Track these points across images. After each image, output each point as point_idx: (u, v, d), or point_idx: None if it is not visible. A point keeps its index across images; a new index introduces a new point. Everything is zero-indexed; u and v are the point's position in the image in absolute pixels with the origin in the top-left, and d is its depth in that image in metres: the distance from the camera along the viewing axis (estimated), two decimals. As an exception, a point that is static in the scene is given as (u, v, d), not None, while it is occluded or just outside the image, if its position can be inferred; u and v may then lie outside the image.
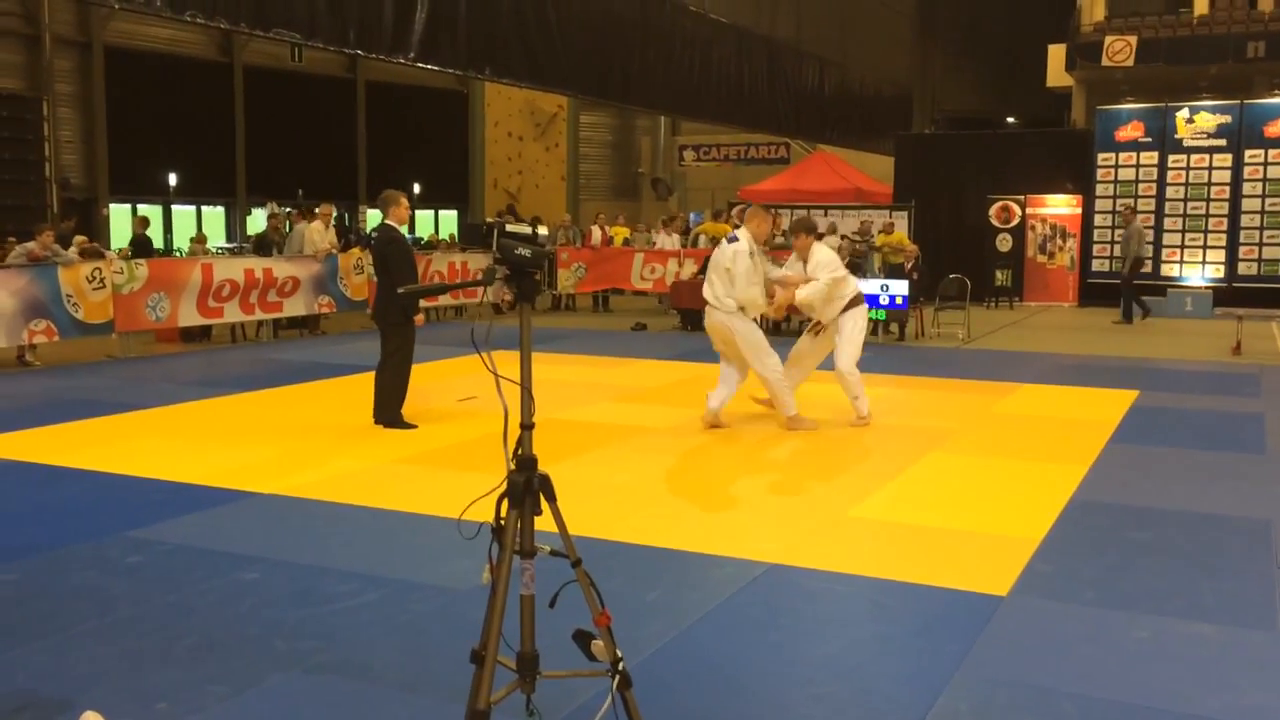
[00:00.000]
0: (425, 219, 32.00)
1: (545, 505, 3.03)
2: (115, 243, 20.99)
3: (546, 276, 17.48)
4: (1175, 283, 18.83)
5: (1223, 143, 18.78)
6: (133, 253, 14.95)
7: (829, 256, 8.10)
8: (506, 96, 31.22)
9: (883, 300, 13.43)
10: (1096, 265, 19.52)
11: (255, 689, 3.66)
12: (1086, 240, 19.70)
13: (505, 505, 2.98)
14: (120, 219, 23.87)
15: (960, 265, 15.79)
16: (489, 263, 3.05)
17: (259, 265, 13.96)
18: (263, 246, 15.53)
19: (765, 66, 22.05)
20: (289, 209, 18.49)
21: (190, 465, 6.84)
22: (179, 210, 27.18)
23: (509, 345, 3.00)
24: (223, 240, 26.32)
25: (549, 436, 3.37)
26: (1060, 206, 20.04)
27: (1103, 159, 19.58)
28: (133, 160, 25.12)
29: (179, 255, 20.56)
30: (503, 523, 2.98)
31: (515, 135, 32.94)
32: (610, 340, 14.12)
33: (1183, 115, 19.10)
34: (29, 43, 23.33)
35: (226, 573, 4.83)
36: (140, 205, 24.96)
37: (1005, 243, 20.00)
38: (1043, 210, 20.11)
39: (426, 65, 14.72)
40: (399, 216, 8.23)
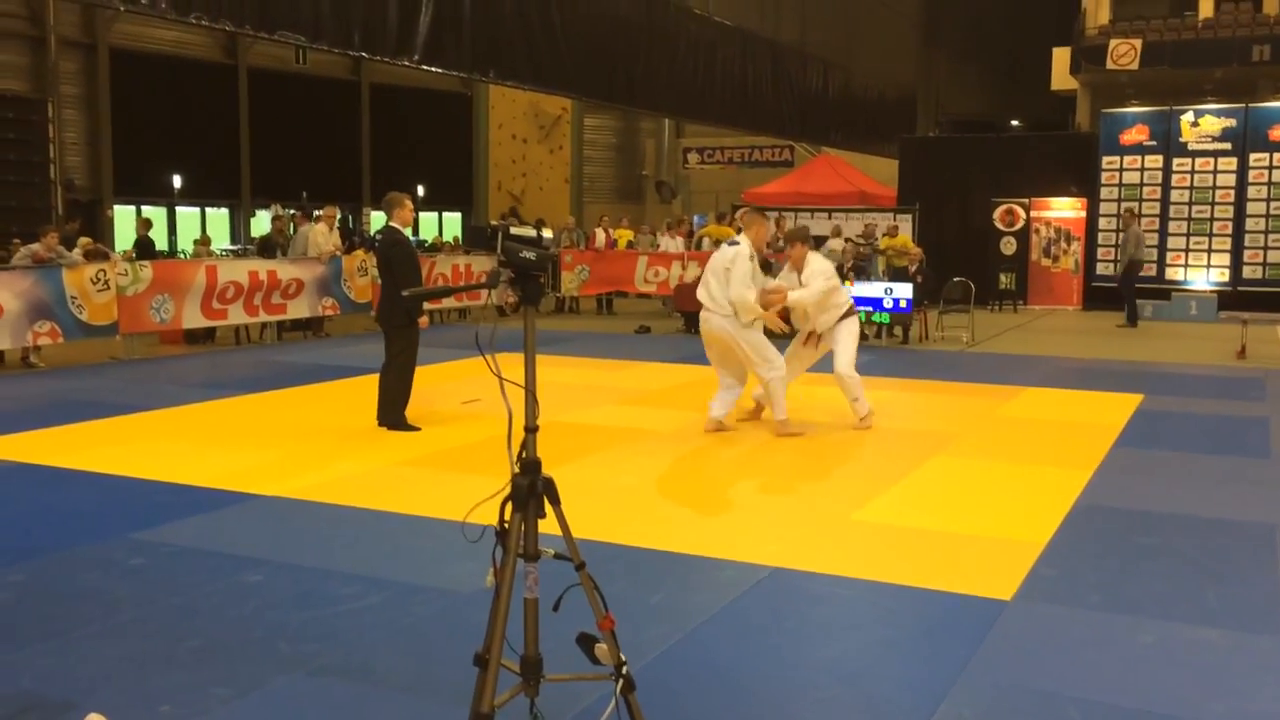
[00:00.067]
0: (429, 221, 32.01)
1: (549, 508, 3.03)
2: (119, 244, 21.01)
3: (551, 279, 17.49)
4: (1180, 286, 18.81)
5: (1227, 146, 18.75)
6: (136, 255, 14.96)
7: (824, 266, 8.13)
8: (510, 99, 31.24)
9: (886, 303, 13.41)
10: (1101, 269, 19.49)
11: (259, 691, 3.66)
12: (1091, 244, 19.67)
13: (509, 508, 2.98)
14: (124, 221, 23.90)
15: (964, 268, 15.78)
16: (493, 265, 3.05)
17: (263, 267, 13.97)
18: (267, 249, 15.55)
19: (769, 69, 22.07)
20: (292, 211, 18.48)
21: (194, 467, 6.85)
22: (183, 212, 27.20)
23: (513, 348, 3.00)
24: (227, 242, 26.34)
25: (552, 439, 3.37)
26: (1065, 210, 20.01)
27: (1107, 162, 19.55)
28: (137, 162, 25.15)
29: (183, 257, 20.59)
30: (507, 526, 2.98)
31: (519, 138, 32.96)
32: (614, 343, 14.13)
33: (1187, 119, 19.08)
34: (34, 44, 23.37)
35: (230, 575, 4.83)
36: (145, 207, 24.98)
37: (1009, 246, 19.98)
38: (1047, 213, 20.08)
39: (431, 68, 14.75)
40: (403, 219, 8.23)
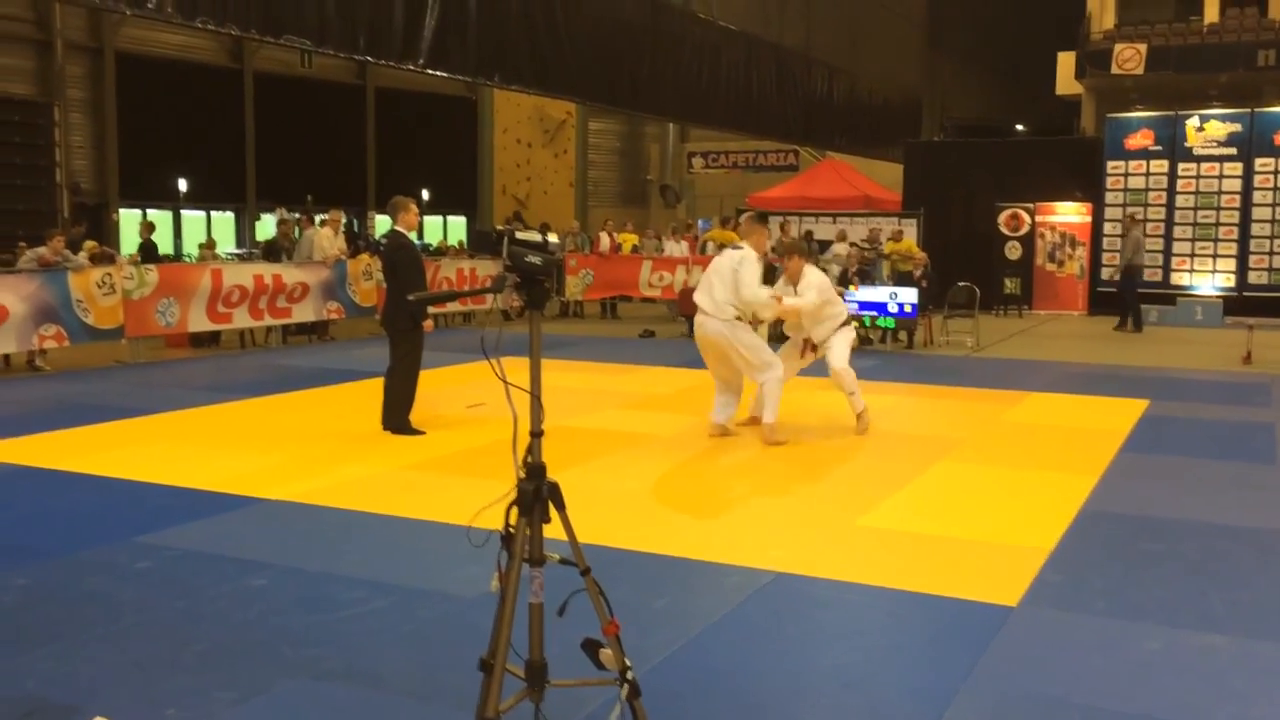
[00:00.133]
0: (434, 225, 32.04)
1: (554, 513, 3.03)
2: (125, 248, 21.04)
3: (556, 283, 17.49)
4: (1185, 291, 18.77)
5: (1233, 151, 18.73)
6: (140, 259, 14.98)
7: (819, 280, 8.12)
8: (515, 103, 31.28)
9: (891, 308, 13.39)
10: (1106, 273, 19.46)
11: (263, 696, 3.65)
12: (1096, 248, 19.64)
13: (514, 513, 2.98)
14: (130, 224, 23.93)
15: (969, 273, 15.76)
16: (499, 270, 3.05)
17: (268, 271, 13.99)
18: (272, 252, 15.57)
19: (774, 74, 22.07)
20: (296, 214, 18.49)
21: (199, 471, 6.85)
22: (189, 216, 27.25)
23: (518, 352, 3.00)
24: (232, 246, 26.38)
25: (557, 443, 3.37)
26: (1070, 214, 19.98)
27: (1112, 167, 19.53)
28: (143, 166, 25.21)
29: (188, 260, 20.61)
30: (512, 530, 2.97)
31: (524, 142, 32.99)
32: (618, 347, 14.12)
33: (1193, 123, 19.06)
34: (41, 48, 23.44)
35: (235, 579, 4.83)
36: (150, 210, 25.03)
37: (1014, 251, 19.96)
38: (1052, 218, 20.05)
39: (436, 72, 14.76)
40: (408, 223, 8.23)
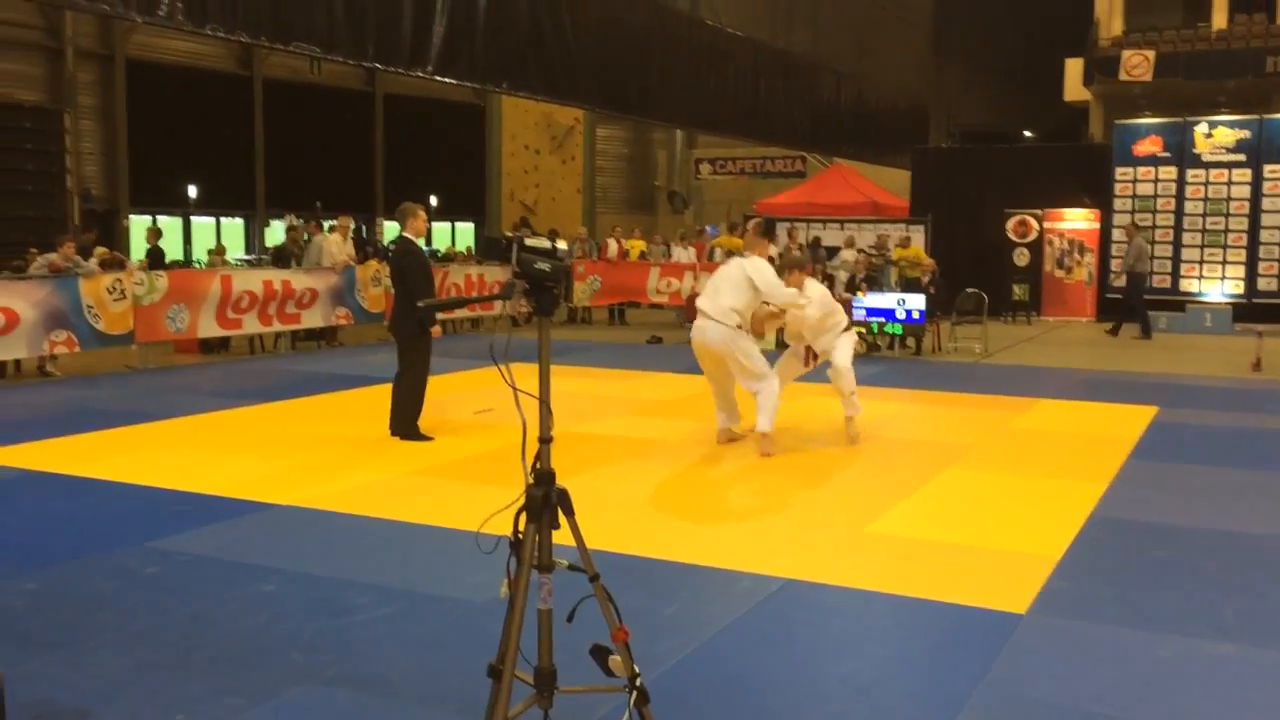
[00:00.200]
0: (442, 231, 32.08)
1: (563, 519, 3.04)
2: (135, 254, 21.11)
3: (565, 290, 17.51)
4: (1194, 298, 18.72)
5: (1242, 158, 18.68)
6: (148, 265, 15.04)
7: (819, 293, 8.10)
8: (523, 110, 31.31)
9: (899, 314, 13.37)
10: (1115, 280, 19.41)
11: (273, 701, 3.66)
12: (1105, 255, 19.60)
13: (523, 519, 2.99)
14: (141, 230, 24.01)
15: (977, 280, 15.73)
16: (508, 276, 3.05)
17: (277, 277, 14.03)
18: (281, 258, 15.62)
19: (781, 80, 22.09)
20: (300, 221, 18.54)
21: (208, 476, 6.87)
22: (198, 222, 27.33)
23: (526, 358, 3.01)
24: (242, 252, 26.45)
25: (565, 450, 3.38)
26: (1078, 221, 19.95)
27: (1120, 173, 19.50)
28: (153, 172, 25.27)
29: (198, 267, 20.68)
30: (521, 536, 2.98)
31: (532, 148, 33.02)
32: (625, 353, 14.13)
33: (1201, 130, 19.02)
34: (51, 55, 23.52)
35: (244, 584, 4.84)
36: (161, 217, 25.13)
37: (1023, 257, 19.93)
38: (1060, 225, 20.02)
39: (445, 79, 14.80)
40: (416, 229, 8.26)
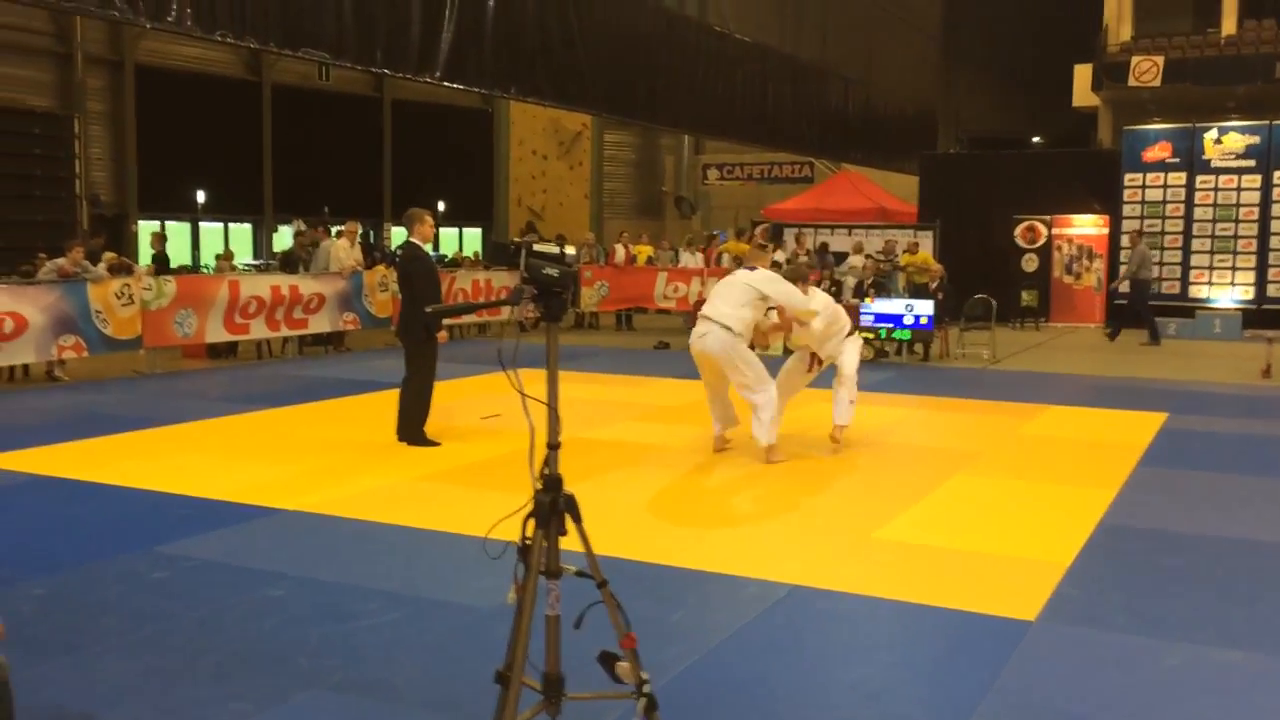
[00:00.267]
0: (450, 237, 32.13)
1: (570, 525, 3.03)
2: (143, 259, 21.18)
3: (574, 295, 17.49)
4: (1204, 304, 18.66)
5: (1251, 164, 18.63)
6: (154, 270, 15.07)
7: (823, 302, 8.03)
8: (531, 115, 31.35)
9: (907, 320, 13.34)
10: (1124, 286, 19.33)
11: (280, 707, 3.66)
12: (1113, 261, 19.54)
13: (531, 524, 2.98)
14: (148, 236, 24.11)
15: (985, 285, 15.70)
16: (517, 282, 3.04)
17: (285, 282, 14.05)
18: (289, 263, 15.64)
19: (789, 86, 22.07)
20: (304, 227, 18.54)
21: (216, 481, 6.88)
22: (207, 227, 27.41)
23: (533, 363, 3.00)
24: (250, 257, 26.51)
25: (572, 455, 3.37)
26: (1087, 227, 19.91)
27: (1129, 179, 19.44)
28: (162, 177, 25.36)
29: (206, 272, 20.73)
30: (529, 542, 2.97)
31: (539, 154, 33.06)
32: (633, 359, 14.12)
33: (1211, 136, 18.97)
34: (61, 61, 23.62)
35: (251, 589, 4.84)
36: (169, 222, 25.21)
37: (1031, 263, 19.88)
38: (1069, 230, 19.98)
39: (452, 84, 14.81)
40: (424, 234, 8.26)
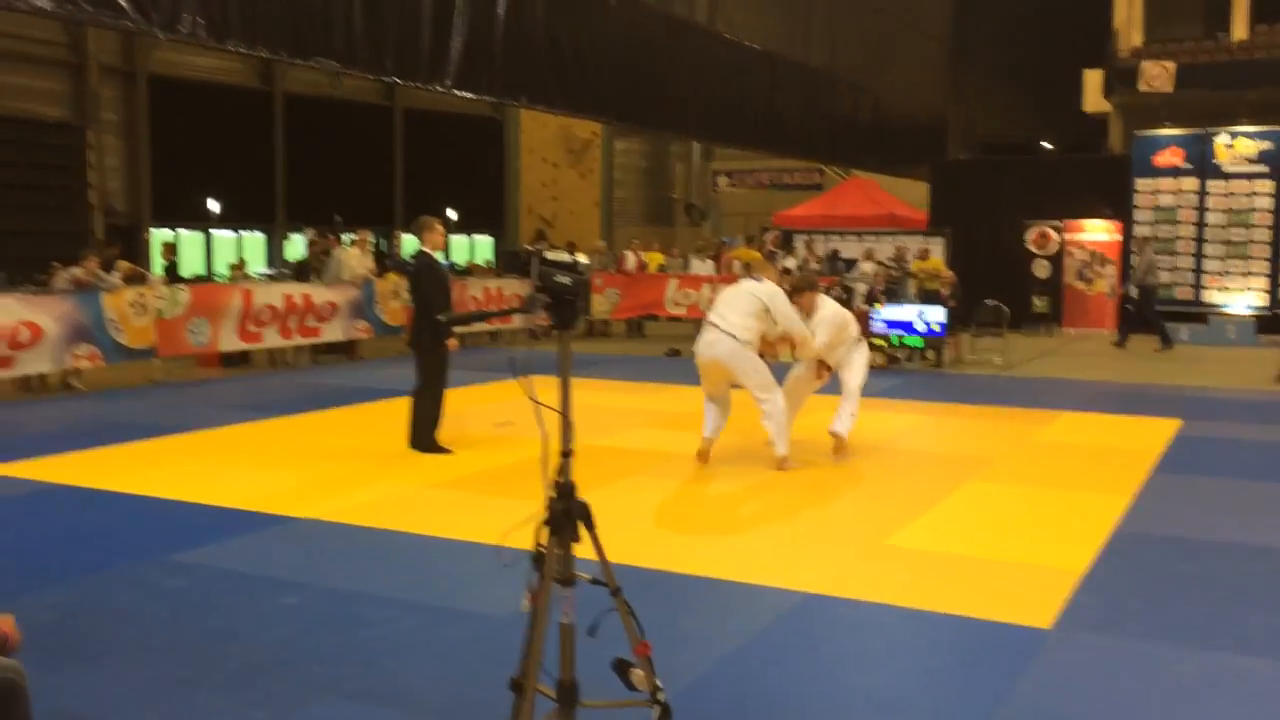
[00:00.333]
0: (461, 245, 32.20)
1: (584, 532, 3.03)
2: (156, 269, 21.28)
3: (586, 303, 17.47)
4: (1217, 310, 18.58)
5: (1264, 169, 18.53)
6: (167, 280, 15.14)
7: (831, 313, 7.94)
8: (541, 123, 31.43)
9: (919, 326, 13.32)
10: (1136, 292, 19.25)
11: (294, 715, 3.66)
12: (1126, 266, 19.45)
13: (545, 532, 2.98)
14: (160, 246, 24.23)
15: (997, 291, 15.64)
16: (528, 290, 3.06)
17: (298, 291, 14.10)
18: (303, 272, 15.70)
19: (799, 93, 22.07)
20: (313, 236, 18.60)
21: (230, 489, 6.90)
22: (220, 237, 27.53)
23: (545, 371, 3.00)
24: (263, 266, 26.61)
25: (585, 463, 3.37)
26: (1099, 232, 19.84)
27: (1141, 185, 19.37)
28: (176, 187, 25.46)
29: (219, 281, 20.81)
30: (542, 550, 2.97)
31: (550, 162, 33.13)
32: (644, 366, 14.12)
33: (1222, 141, 18.89)
34: (74, 71, 23.76)
35: (266, 597, 4.85)
36: (182, 231, 25.33)
37: (1043, 269, 19.82)
38: (1081, 236, 19.91)
39: (463, 93, 14.85)
40: (435, 243, 8.28)
